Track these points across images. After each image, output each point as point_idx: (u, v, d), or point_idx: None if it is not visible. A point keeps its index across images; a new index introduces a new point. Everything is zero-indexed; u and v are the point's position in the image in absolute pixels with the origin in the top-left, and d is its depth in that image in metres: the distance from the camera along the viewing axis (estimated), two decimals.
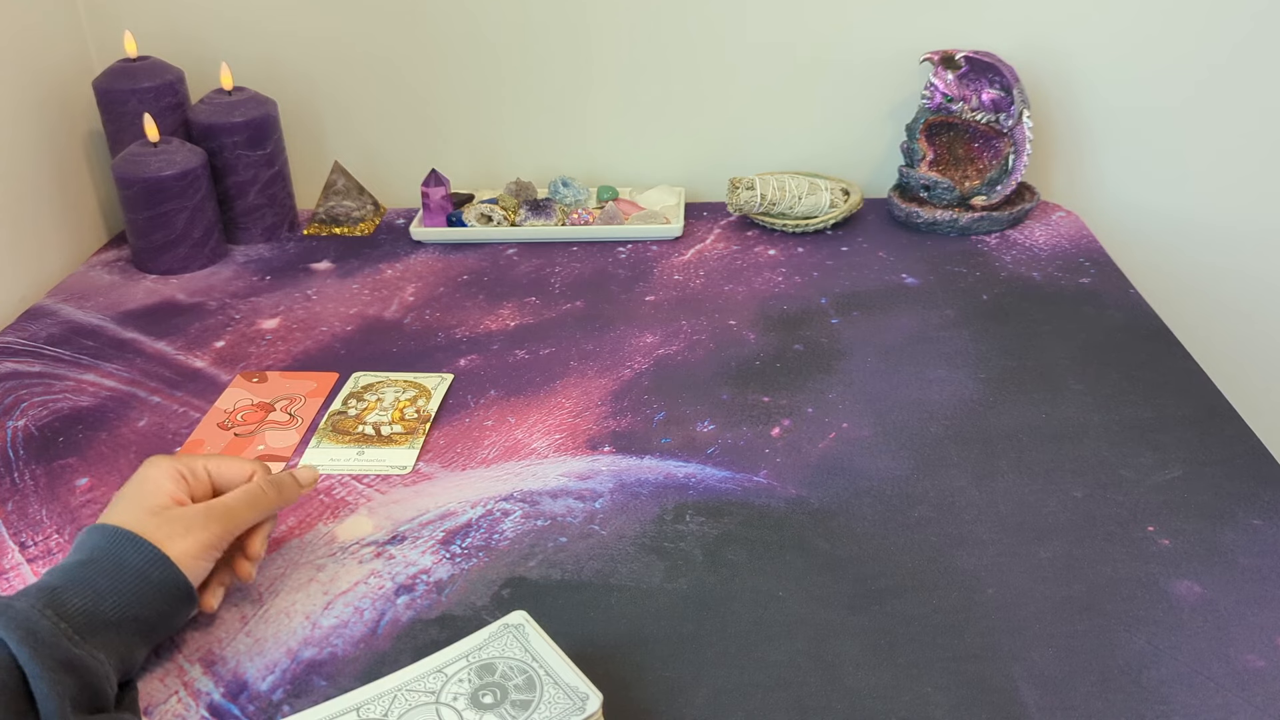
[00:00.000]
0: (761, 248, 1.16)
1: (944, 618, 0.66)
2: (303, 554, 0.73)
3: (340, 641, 0.66)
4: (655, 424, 0.86)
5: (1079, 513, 0.74)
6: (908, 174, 1.19)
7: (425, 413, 0.88)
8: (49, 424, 0.88)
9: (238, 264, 1.16)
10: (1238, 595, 0.67)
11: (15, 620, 0.54)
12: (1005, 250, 1.13)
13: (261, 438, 0.86)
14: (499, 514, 0.76)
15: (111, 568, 0.60)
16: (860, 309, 1.03)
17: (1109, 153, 1.25)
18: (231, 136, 1.15)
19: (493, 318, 1.04)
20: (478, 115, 1.27)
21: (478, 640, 0.58)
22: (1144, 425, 0.83)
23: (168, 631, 0.63)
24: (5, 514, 0.78)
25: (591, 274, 1.12)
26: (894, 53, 1.21)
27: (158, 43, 1.22)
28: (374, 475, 0.81)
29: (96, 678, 0.55)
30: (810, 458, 0.81)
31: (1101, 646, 0.63)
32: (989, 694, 0.60)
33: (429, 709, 0.54)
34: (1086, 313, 1.00)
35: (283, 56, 1.24)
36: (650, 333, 1.00)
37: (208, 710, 0.61)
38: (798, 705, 0.60)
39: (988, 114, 1.18)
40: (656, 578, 0.70)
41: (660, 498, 0.77)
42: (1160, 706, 0.59)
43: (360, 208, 1.24)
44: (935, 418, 0.85)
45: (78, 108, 1.21)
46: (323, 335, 1.01)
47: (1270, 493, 0.75)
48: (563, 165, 1.29)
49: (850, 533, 0.73)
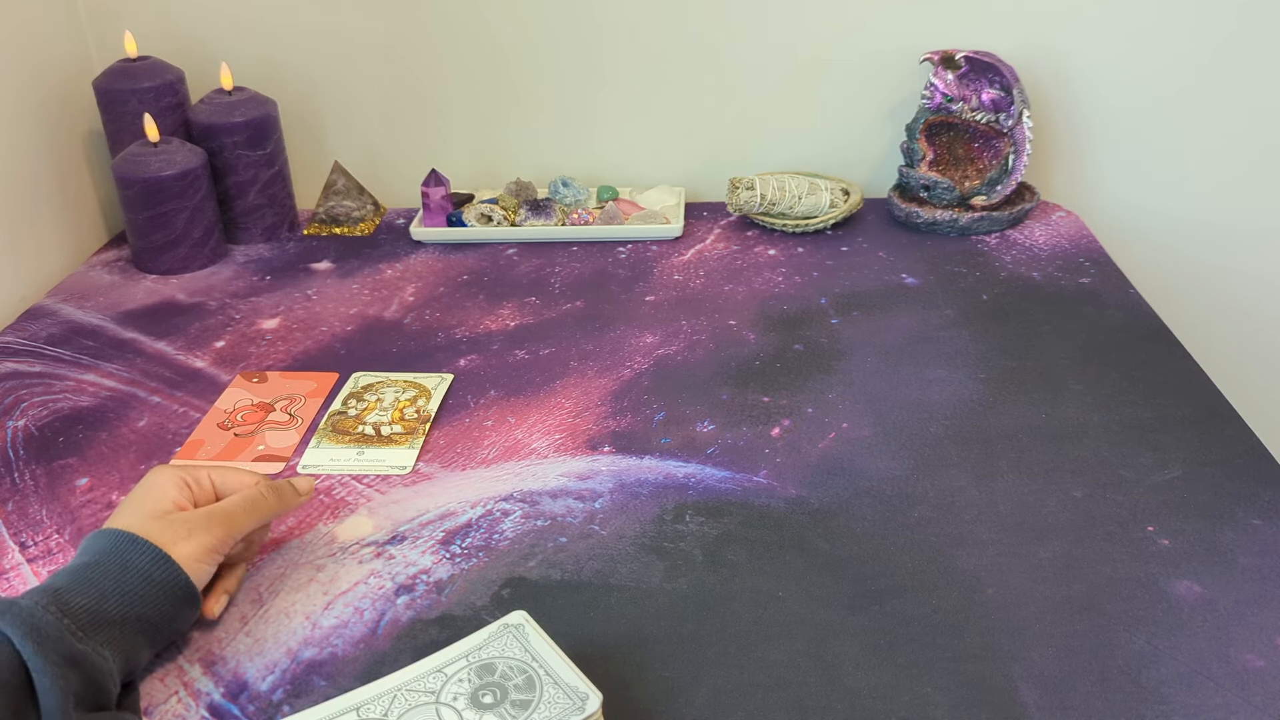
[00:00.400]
0: (761, 248, 1.16)
1: (944, 618, 0.66)
2: (303, 554, 0.73)
3: (340, 641, 0.66)
4: (655, 424, 0.86)
5: (1079, 513, 0.74)
6: (908, 174, 1.19)
7: (425, 413, 0.88)
8: (49, 424, 0.88)
9: (238, 264, 1.16)
10: (1238, 595, 0.67)
11: (19, 616, 0.54)
12: (1005, 250, 1.13)
13: (261, 438, 0.86)
14: (499, 514, 0.76)
15: (115, 569, 0.60)
16: (860, 309, 1.03)
17: (1109, 152, 1.25)
18: (231, 136, 1.15)
19: (493, 318, 1.03)
20: (478, 115, 1.27)
21: (477, 640, 0.58)
22: (1144, 425, 0.83)
23: (171, 634, 0.63)
24: (5, 514, 0.78)
25: (591, 274, 1.12)
26: (894, 53, 1.21)
27: (158, 43, 1.22)
28: (374, 475, 0.81)
29: (100, 675, 0.55)
30: (810, 458, 0.81)
31: (1101, 646, 0.63)
32: (989, 694, 0.60)
33: (429, 709, 0.54)
34: (1086, 313, 1.00)
35: (283, 56, 1.24)
36: (650, 333, 1.00)
37: (208, 710, 0.61)
38: (798, 705, 0.60)
39: (988, 114, 1.18)
40: (656, 578, 0.70)
41: (660, 498, 0.77)
42: (1160, 706, 0.59)
43: (360, 208, 1.24)
44: (935, 418, 0.85)
45: (78, 108, 1.21)
46: (323, 335, 1.01)
47: (1270, 493, 0.75)
48: (563, 165, 1.29)
49: (850, 533, 0.73)
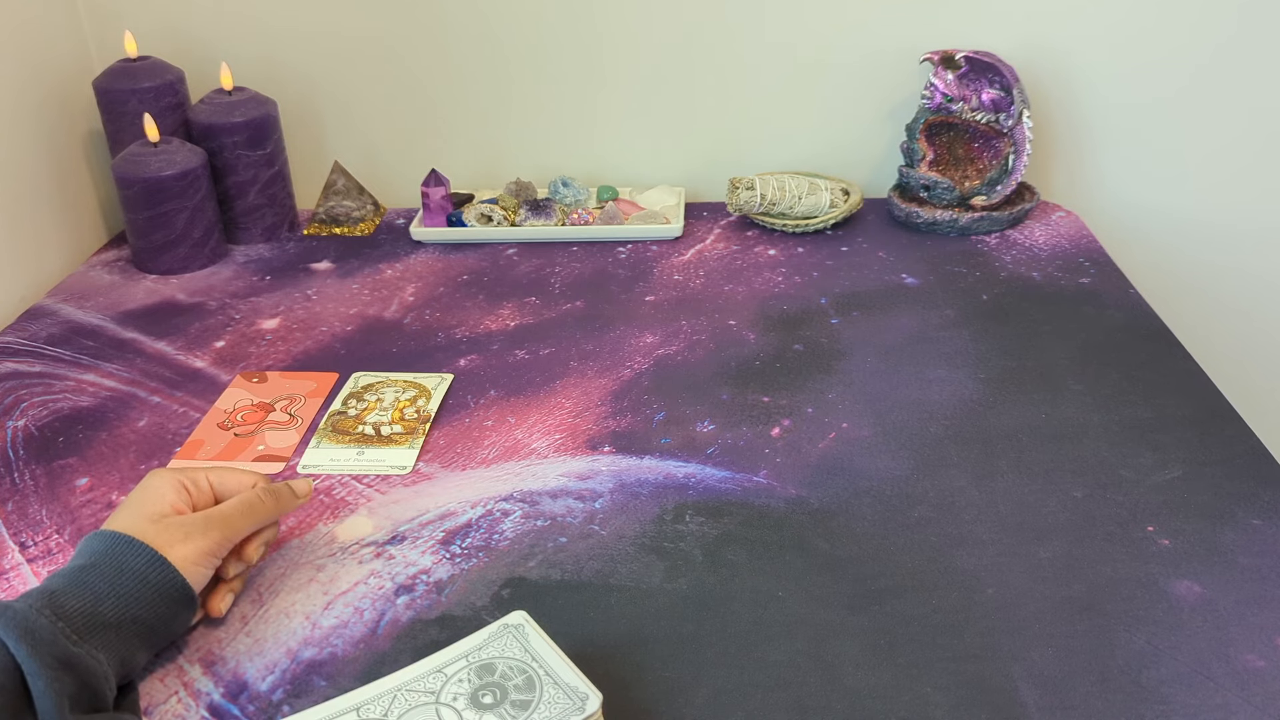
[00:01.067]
0: (761, 248, 1.16)
1: (944, 618, 0.66)
2: (303, 554, 0.73)
3: (340, 641, 0.66)
4: (655, 424, 0.86)
5: (1079, 513, 0.74)
6: (908, 174, 1.19)
7: (425, 413, 0.88)
8: (49, 424, 0.88)
9: (238, 264, 1.16)
10: (1238, 595, 0.67)
11: (14, 620, 0.54)
12: (1005, 250, 1.13)
13: (261, 438, 0.86)
14: (499, 514, 0.76)
15: (111, 571, 0.60)
16: (860, 309, 1.03)
17: (1109, 152, 1.25)
18: (231, 136, 1.15)
19: (493, 318, 1.03)
20: (478, 115, 1.27)
21: (477, 640, 0.58)
22: (1144, 425, 0.83)
23: (168, 636, 0.63)
24: (5, 514, 0.78)
25: (591, 274, 1.12)
26: (894, 53, 1.21)
27: (158, 43, 1.22)
28: (374, 475, 0.81)
29: (95, 678, 0.55)
30: (810, 458, 0.81)
31: (1101, 646, 0.63)
32: (989, 694, 0.60)
33: (429, 709, 0.54)
34: (1086, 313, 1.00)
35: (283, 56, 1.24)
36: (650, 333, 1.00)
37: (208, 710, 0.61)
38: (798, 705, 0.60)
39: (988, 114, 1.18)
40: (656, 578, 0.70)
41: (660, 498, 0.77)
42: (1160, 706, 0.59)
43: (360, 208, 1.24)
44: (935, 418, 0.85)
45: (78, 107, 1.21)
46: (323, 335, 1.01)
47: (1270, 493, 0.75)
48: (563, 165, 1.29)
49: (850, 533, 0.73)
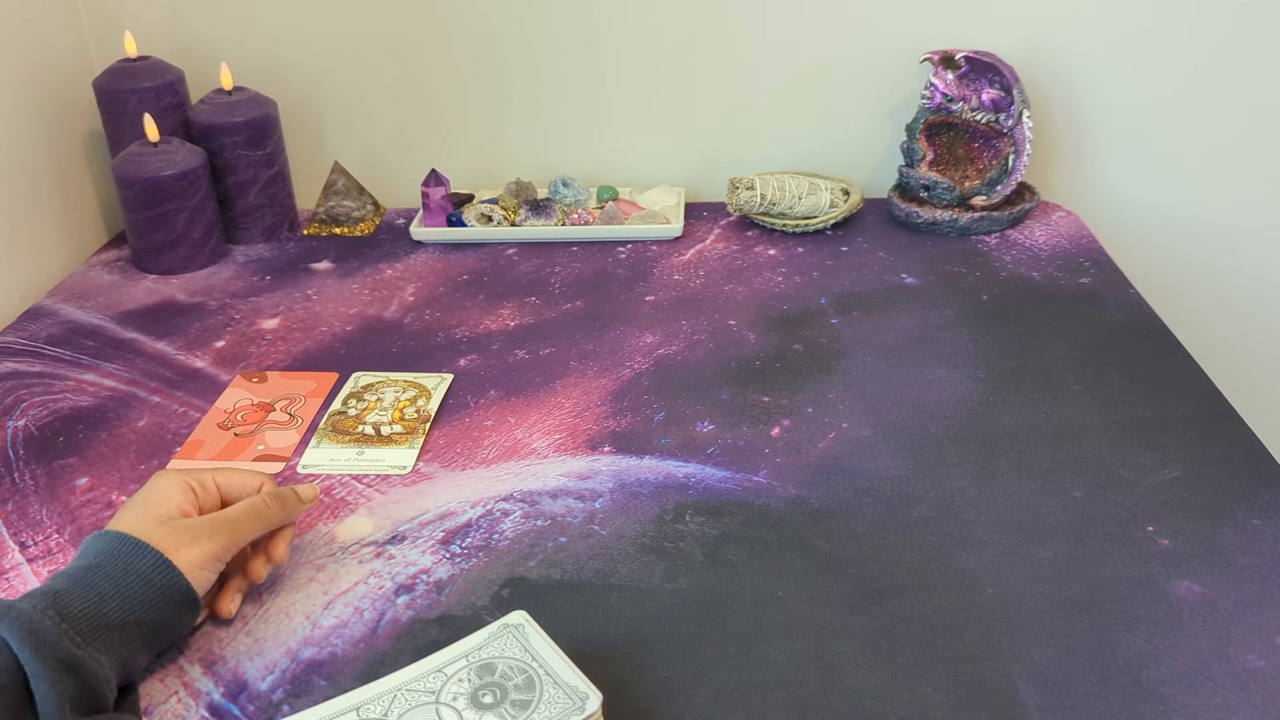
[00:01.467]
0: (761, 248, 1.16)
1: (944, 618, 0.66)
2: (303, 554, 0.73)
3: (340, 641, 0.66)
4: (655, 424, 0.86)
5: (1079, 513, 0.74)
6: (908, 174, 1.19)
7: (425, 413, 0.88)
8: (49, 424, 0.88)
9: (238, 264, 1.16)
10: (1237, 595, 0.67)
11: (18, 621, 0.54)
12: (1005, 250, 1.13)
13: (261, 438, 0.86)
14: (499, 514, 0.76)
15: (116, 572, 0.60)
16: (860, 309, 1.03)
17: (1109, 152, 1.25)
18: (231, 136, 1.15)
19: (493, 318, 1.03)
20: (478, 115, 1.27)
21: (477, 640, 0.58)
22: (1144, 425, 0.83)
23: (171, 638, 0.63)
24: (5, 514, 0.78)
25: (591, 274, 1.12)
26: (894, 53, 1.21)
27: (158, 43, 1.22)
28: (374, 475, 0.81)
29: (96, 680, 0.55)
30: (810, 458, 0.81)
31: (1101, 646, 0.63)
32: (989, 694, 0.60)
33: (429, 709, 0.54)
34: (1086, 313, 1.00)
35: (283, 56, 1.24)
36: (650, 333, 1.00)
37: (208, 710, 0.61)
38: (798, 705, 0.60)
39: (988, 114, 1.18)
40: (656, 578, 0.70)
41: (660, 498, 0.77)
42: (1160, 706, 0.59)
43: (360, 208, 1.24)
44: (935, 418, 0.85)
45: (78, 107, 1.21)
46: (323, 335, 1.01)
47: (1270, 493, 0.75)
48: (563, 165, 1.29)
49: (850, 533, 0.73)
